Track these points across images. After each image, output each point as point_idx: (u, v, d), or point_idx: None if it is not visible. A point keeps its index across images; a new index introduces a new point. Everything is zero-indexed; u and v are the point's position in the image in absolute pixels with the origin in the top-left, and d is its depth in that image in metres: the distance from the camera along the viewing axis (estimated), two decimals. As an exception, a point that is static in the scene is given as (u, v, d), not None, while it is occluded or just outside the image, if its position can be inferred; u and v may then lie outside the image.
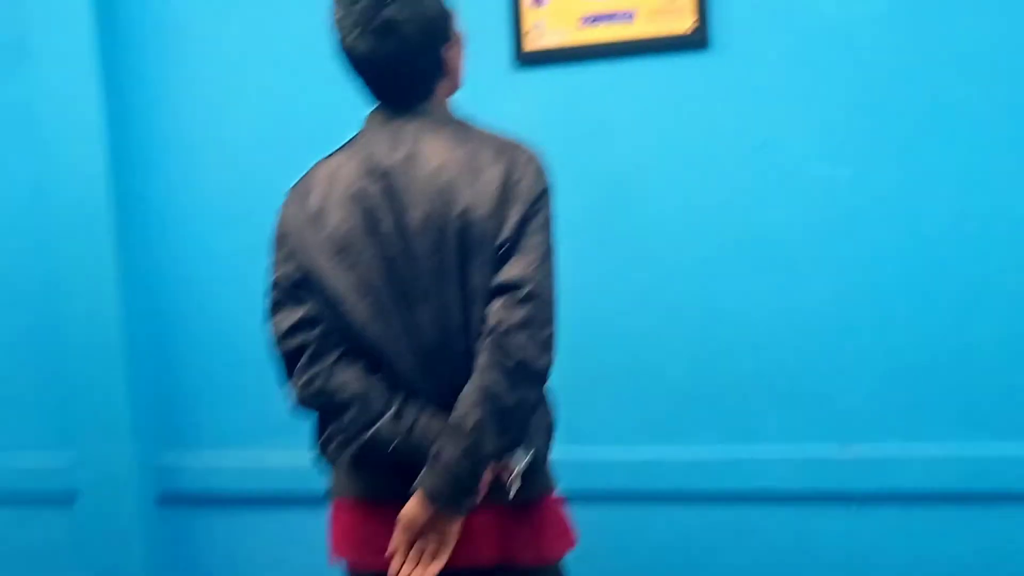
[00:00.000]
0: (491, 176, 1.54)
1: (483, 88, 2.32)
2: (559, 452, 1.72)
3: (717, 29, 2.29)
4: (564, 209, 2.25)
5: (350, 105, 1.74)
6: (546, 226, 1.57)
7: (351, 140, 1.65)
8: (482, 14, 2.36)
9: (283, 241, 1.64)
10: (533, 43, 2.36)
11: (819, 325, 2.30)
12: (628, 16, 2.32)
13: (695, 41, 2.29)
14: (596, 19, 2.34)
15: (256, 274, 1.83)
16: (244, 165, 2.55)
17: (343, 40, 1.57)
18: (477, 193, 1.54)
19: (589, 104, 2.37)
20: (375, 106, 1.64)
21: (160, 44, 2.59)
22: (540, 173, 1.59)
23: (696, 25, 2.28)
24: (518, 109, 2.38)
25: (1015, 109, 2.18)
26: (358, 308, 1.58)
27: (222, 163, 2.58)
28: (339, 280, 1.58)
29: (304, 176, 1.65)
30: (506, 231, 1.54)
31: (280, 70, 2.51)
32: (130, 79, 2.59)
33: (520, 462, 1.61)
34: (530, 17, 2.35)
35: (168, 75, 2.59)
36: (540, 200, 1.57)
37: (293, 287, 1.62)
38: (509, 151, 1.58)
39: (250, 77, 2.54)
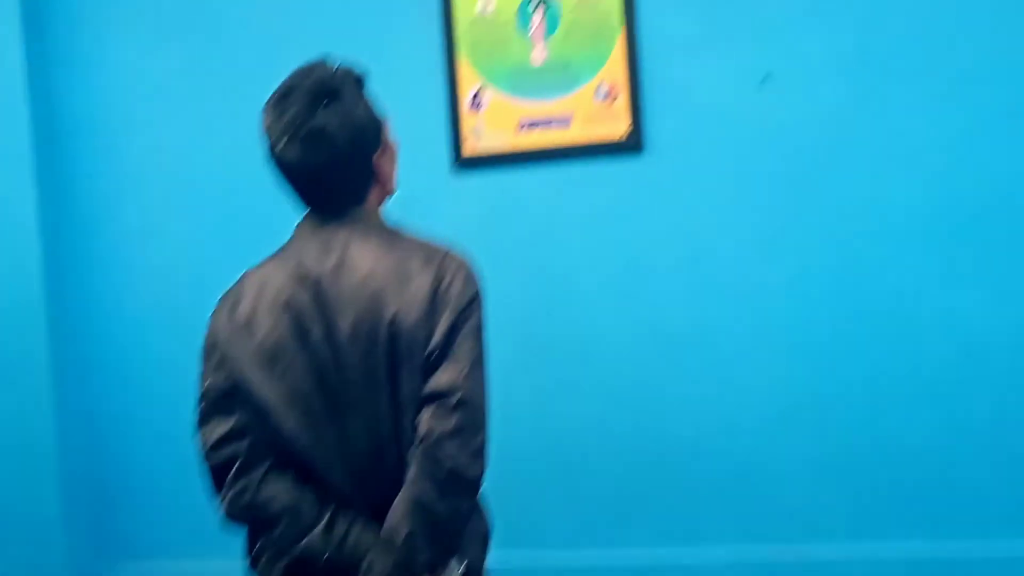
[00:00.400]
0: (420, 283, 1.54)
1: (422, 191, 2.37)
2: (495, 559, 1.69)
3: (651, 134, 2.34)
4: (501, 311, 2.26)
5: (288, 208, 1.74)
6: (477, 332, 1.57)
7: (282, 248, 1.64)
8: (421, 118, 2.40)
9: (212, 351, 1.61)
10: (471, 147, 2.39)
11: (758, 425, 2.31)
12: (565, 121, 2.36)
13: (630, 145, 2.34)
14: (533, 124, 2.37)
15: (195, 379, 1.80)
16: (182, 264, 2.54)
17: (273, 148, 1.57)
18: (406, 300, 1.53)
19: (527, 207, 2.39)
20: (306, 213, 1.64)
21: (98, 141, 2.59)
22: (470, 279, 1.59)
23: (631, 130, 2.32)
24: (457, 212, 2.40)
25: (942, 208, 2.24)
26: (288, 419, 1.55)
27: (160, 262, 2.56)
28: (269, 390, 1.56)
29: (234, 285, 1.64)
30: (436, 338, 1.53)
31: (220, 170, 2.52)
32: (66, 175, 2.58)
33: (454, 573, 1.58)
34: (468, 122, 2.39)
35: (105, 173, 2.59)
36: (470, 306, 1.56)
37: (222, 398, 1.59)
38: (439, 258, 1.58)
39: (189, 176, 2.54)
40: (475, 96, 2.38)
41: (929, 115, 2.23)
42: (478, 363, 1.56)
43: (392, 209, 1.79)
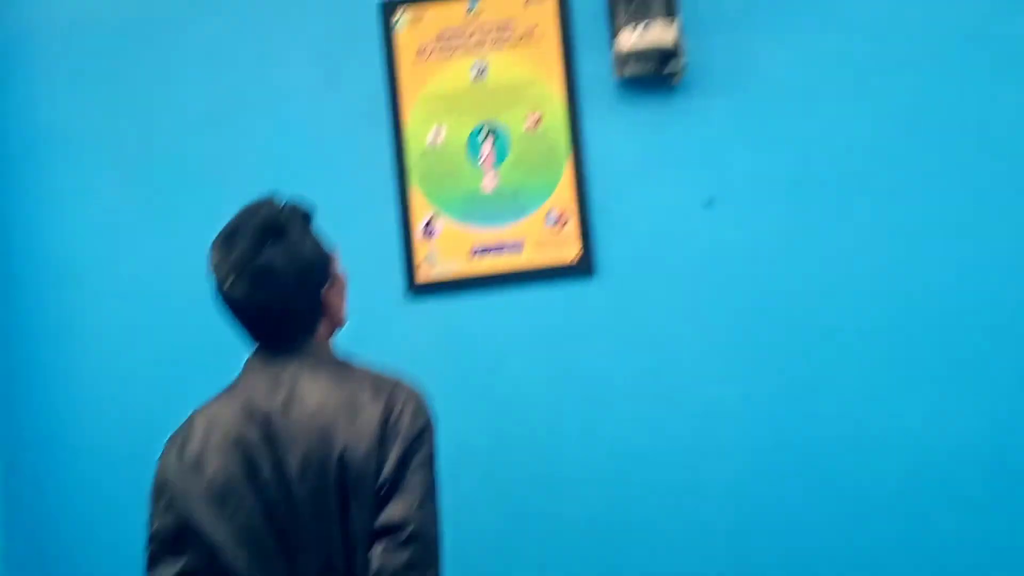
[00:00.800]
0: (370, 415, 1.54)
1: (376, 319, 2.38)
2: None
3: (601, 257, 2.38)
4: (456, 438, 2.26)
5: (238, 345, 1.74)
6: (428, 464, 1.56)
7: (231, 384, 1.64)
8: (374, 247, 2.42)
9: (161, 492, 1.59)
10: (425, 274, 2.42)
11: (721, 540, 2.29)
12: (516, 247, 2.40)
13: (581, 269, 2.37)
14: (485, 250, 2.41)
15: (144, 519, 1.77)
16: (134, 404, 2.50)
17: (220, 286, 1.59)
18: (356, 433, 1.53)
19: (481, 332, 2.41)
20: (255, 349, 1.65)
21: (45, 278, 2.57)
22: (420, 410, 1.59)
23: (581, 254, 2.36)
24: (411, 339, 2.40)
25: (885, 326, 2.28)
26: (239, 558, 1.53)
27: (111, 401, 2.52)
28: (219, 529, 1.53)
29: (182, 424, 1.63)
30: (386, 471, 1.52)
31: (170, 308, 2.50)
32: (14, 310, 2.57)
33: None
34: (421, 249, 2.42)
35: (55, 310, 2.56)
36: (421, 437, 1.56)
37: (172, 539, 1.57)
38: (388, 388, 1.59)
39: (141, 318, 2.53)
40: (427, 224, 2.42)
41: (866, 236, 2.29)
42: (430, 495, 1.55)
43: (347, 337, 1.81)
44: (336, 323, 1.70)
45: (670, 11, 2.31)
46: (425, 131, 2.43)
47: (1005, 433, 2.24)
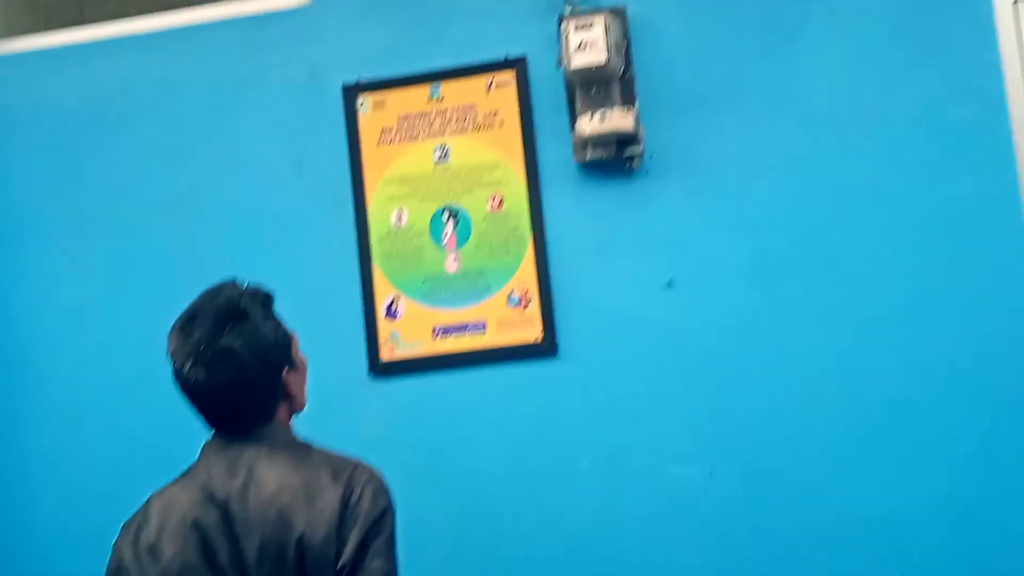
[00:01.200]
0: (329, 499, 1.54)
1: (339, 399, 2.38)
2: None
3: (564, 338, 2.40)
4: (419, 518, 2.26)
5: (198, 430, 1.74)
6: (388, 547, 1.55)
7: (188, 469, 1.63)
8: (337, 326, 2.44)
9: None
10: (388, 354, 2.43)
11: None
12: (480, 327, 2.42)
13: (544, 349, 2.39)
14: (449, 330, 2.43)
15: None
16: (89, 486, 2.47)
17: (179, 370, 1.59)
18: (314, 517, 1.52)
19: (444, 412, 2.41)
20: (213, 433, 1.64)
21: (4, 361, 2.56)
22: (380, 493, 1.59)
23: (543, 334, 2.39)
24: (374, 419, 2.41)
25: (844, 407, 2.31)
26: (193, 644, 1.51)
27: (65, 483, 2.49)
28: (175, 616, 1.51)
29: (138, 510, 1.62)
30: (346, 555, 1.51)
31: (131, 393, 2.49)
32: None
33: None
34: (384, 329, 2.43)
35: (11, 393, 2.55)
36: (381, 520, 1.56)
37: None
38: (347, 472, 1.58)
39: (98, 400, 2.52)
40: (390, 305, 2.44)
41: (822, 317, 2.33)
42: (390, 577, 1.54)
43: (310, 417, 1.80)
44: (295, 407, 1.70)
45: (628, 99, 2.37)
46: (388, 213, 2.47)
47: (970, 509, 2.25)
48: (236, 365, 1.56)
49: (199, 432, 1.68)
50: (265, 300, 1.65)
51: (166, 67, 2.60)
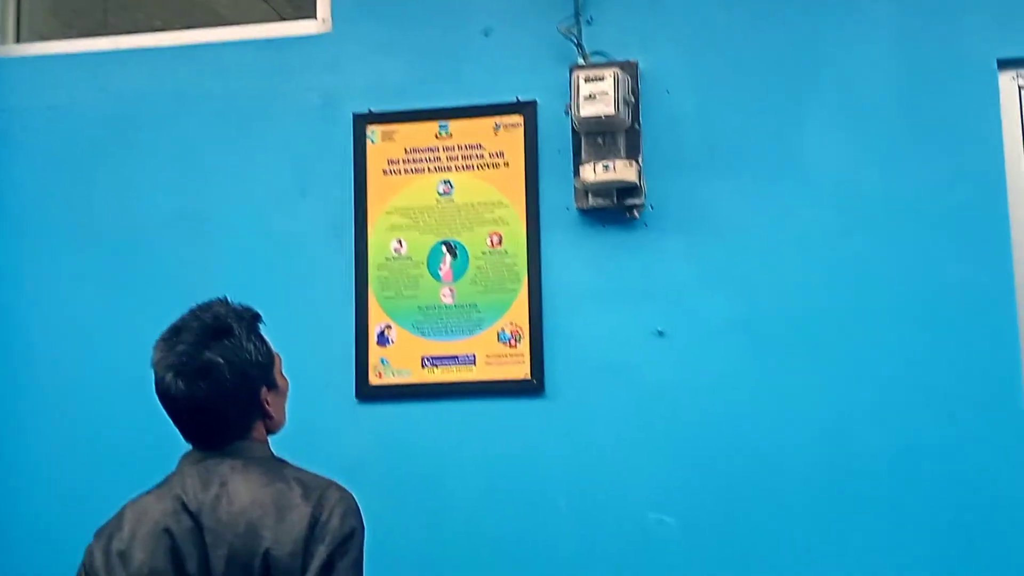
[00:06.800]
0: (298, 516, 1.56)
1: (325, 420, 2.41)
2: None
3: (552, 377, 2.43)
4: (396, 543, 2.28)
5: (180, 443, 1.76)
6: (355, 566, 1.57)
7: (164, 479, 1.65)
8: (329, 347, 2.47)
9: None
10: (376, 379, 2.46)
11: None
12: (470, 360, 2.45)
13: (531, 387, 2.42)
14: (439, 360, 2.46)
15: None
16: (72, 491, 2.50)
17: (160, 381, 1.61)
18: (283, 532, 1.54)
19: (428, 440, 2.44)
20: (190, 446, 1.67)
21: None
22: (350, 513, 1.60)
23: (532, 373, 2.42)
24: (359, 442, 2.44)
25: (831, 468, 2.33)
26: (159, 650, 1.52)
27: (49, 486, 2.52)
28: (140, 620, 1.53)
29: (112, 517, 1.64)
30: (311, 571, 1.53)
31: (120, 402, 2.51)
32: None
33: None
34: (375, 354, 2.47)
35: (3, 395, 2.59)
36: (349, 541, 1.57)
37: None
38: (319, 490, 1.60)
39: (88, 408, 2.55)
40: (383, 331, 2.47)
41: (808, 379, 2.36)
42: (355, 596, 1.56)
43: (295, 435, 1.83)
44: (273, 426, 1.72)
45: (633, 151, 2.42)
46: (388, 242, 2.51)
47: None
48: (216, 380, 1.59)
49: (182, 444, 1.70)
50: (252, 319, 1.68)
51: (183, 82, 2.65)
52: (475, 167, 2.52)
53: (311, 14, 2.66)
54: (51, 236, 2.64)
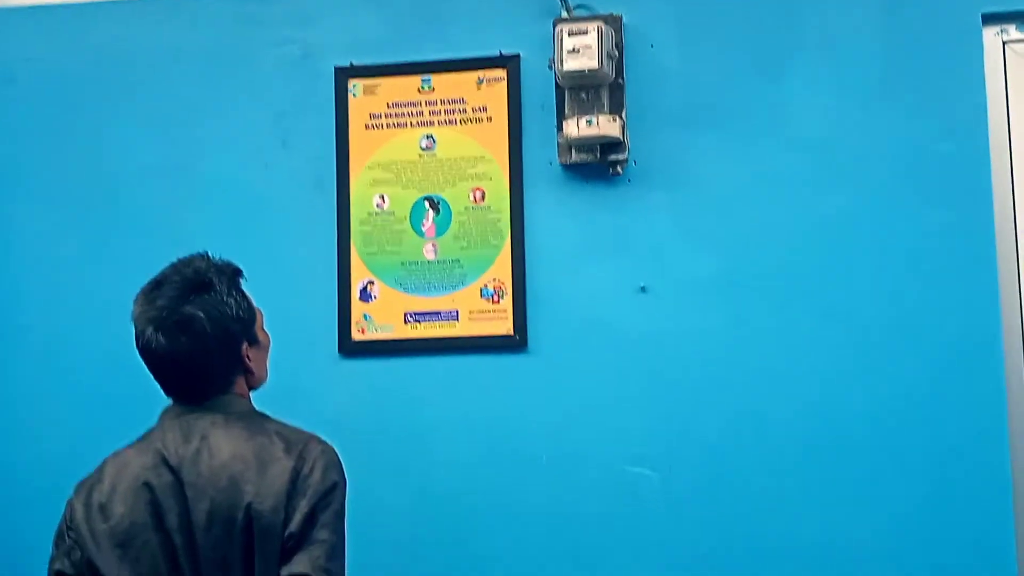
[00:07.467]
0: (280, 469, 1.57)
1: (308, 375, 2.42)
2: None
3: (534, 333, 2.43)
4: (377, 499, 2.30)
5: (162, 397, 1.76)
6: (337, 519, 1.59)
7: (145, 434, 1.66)
8: (310, 304, 2.47)
9: (65, 535, 1.61)
10: (359, 335, 2.46)
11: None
12: (452, 316, 2.45)
13: (514, 343, 2.42)
14: (421, 316, 2.46)
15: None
16: (54, 446, 2.49)
17: (140, 335, 1.62)
18: (265, 486, 1.55)
19: (410, 396, 2.44)
20: (171, 400, 1.67)
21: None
22: (332, 466, 1.62)
23: (514, 329, 2.42)
24: (341, 398, 2.44)
25: (813, 425, 2.35)
26: (138, 602, 1.54)
27: (31, 440, 2.52)
28: (121, 573, 1.55)
29: (94, 471, 1.65)
30: (293, 524, 1.55)
31: (101, 355, 2.50)
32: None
33: None
34: (358, 310, 2.46)
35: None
36: (331, 494, 1.59)
37: None
38: (301, 444, 1.62)
39: (67, 360, 2.54)
40: (365, 287, 2.47)
41: (791, 334, 2.37)
42: (336, 552, 1.58)
43: (277, 390, 1.84)
44: (254, 381, 1.73)
45: (617, 106, 2.41)
46: (370, 197, 2.50)
47: (924, 528, 2.29)
48: (196, 334, 1.59)
49: (163, 399, 1.71)
50: (232, 274, 1.69)
51: (163, 35, 2.62)
52: (458, 122, 2.50)
53: (292, -34, 2.63)
54: (27, 189, 2.61)
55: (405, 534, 2.39)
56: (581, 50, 2.33)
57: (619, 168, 2.43)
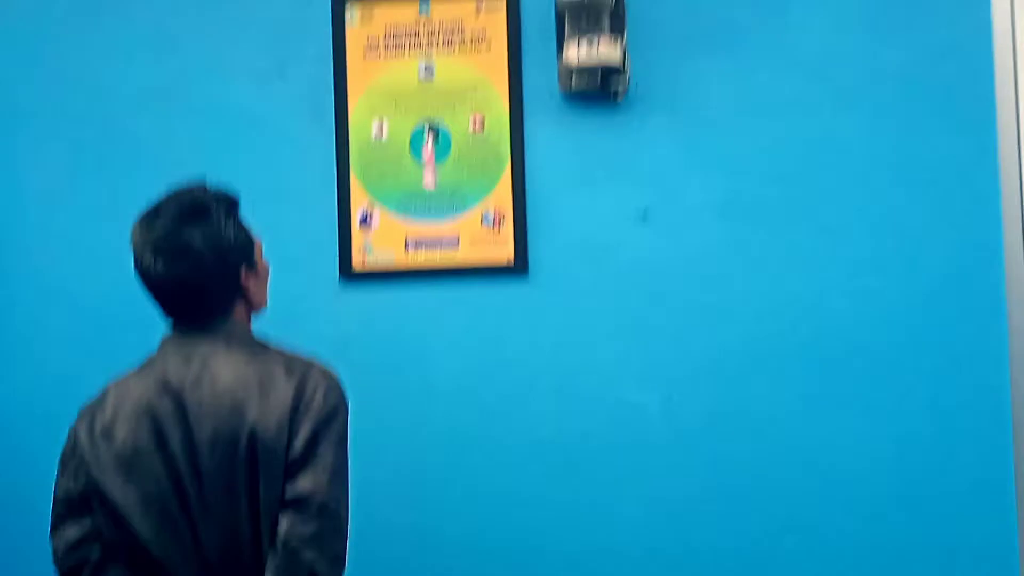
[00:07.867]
0: (282, 393, 1.59)
1: (309, 301, 2.43)
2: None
3: (535, 259, 2.44)
4: (378, 425, 2.32)
5: (158, 322, 1.77)
6: (339, 442, 1.61)
7: (146, 360, 1.68)
8: (311, 232, 2.47)
9: (70, 459, 1.64)
10: (360, 261, 2.47)
11: (627, 538, 2.37)
12: (452, 242, 2.46)
13: (515, 269, 2.43)
14: (422, 243, 2.46)
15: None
16: (59, 372, 2.51)
17: (139, 261, 1.63)
18: (268, 409, 1.58)
19: (411, 322, 2.46)
20: (171, 326, 1.69)
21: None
22: (333, 390, 1.64)
23: (515, 255, 2.43)
24: (342, 325, 2.46)
25: (811, 346, 2.37)
26: (143, 524, 1.57)
27: (35, 368, 2.54)
28: (125, 495, 1.58)
29: (96, 396, 1.67)
30: (297, 446, 1.57)
31: (103, 282, 2.50)
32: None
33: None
34: (358, 237, 2.47)
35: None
36: (333, 416, 1.61)
37: (77, 503, 1.62)
38: (302, 369, 1.63)
39: (71, 288, 2.54)
40: (366, 214, 2.47)
41: (793, 257, 2.38)
42: (339, 472, 1.60)
43: (278, 316, 1.85)
44: (254, 307, 1.75)
45: (617, 30, 2.38)
46: (369, 124, 2.48)
47: (927, 453, 2.33)
48: (193, 260, 1.61)
49: (164, 325, 1.72)
50: (230, 203, 1.69)
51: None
52: (456, 49, 2.48)
53: None
54: (21, 115, 2.59)
55: (406, 459, 2.42)
56: (580, -27, 2.31)
57: (620, 94, 2.41)
